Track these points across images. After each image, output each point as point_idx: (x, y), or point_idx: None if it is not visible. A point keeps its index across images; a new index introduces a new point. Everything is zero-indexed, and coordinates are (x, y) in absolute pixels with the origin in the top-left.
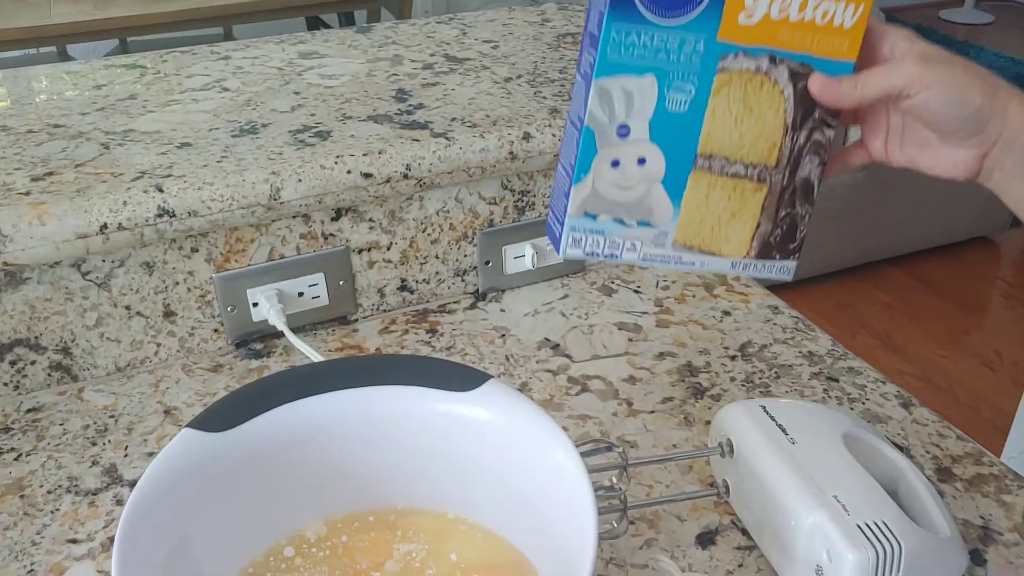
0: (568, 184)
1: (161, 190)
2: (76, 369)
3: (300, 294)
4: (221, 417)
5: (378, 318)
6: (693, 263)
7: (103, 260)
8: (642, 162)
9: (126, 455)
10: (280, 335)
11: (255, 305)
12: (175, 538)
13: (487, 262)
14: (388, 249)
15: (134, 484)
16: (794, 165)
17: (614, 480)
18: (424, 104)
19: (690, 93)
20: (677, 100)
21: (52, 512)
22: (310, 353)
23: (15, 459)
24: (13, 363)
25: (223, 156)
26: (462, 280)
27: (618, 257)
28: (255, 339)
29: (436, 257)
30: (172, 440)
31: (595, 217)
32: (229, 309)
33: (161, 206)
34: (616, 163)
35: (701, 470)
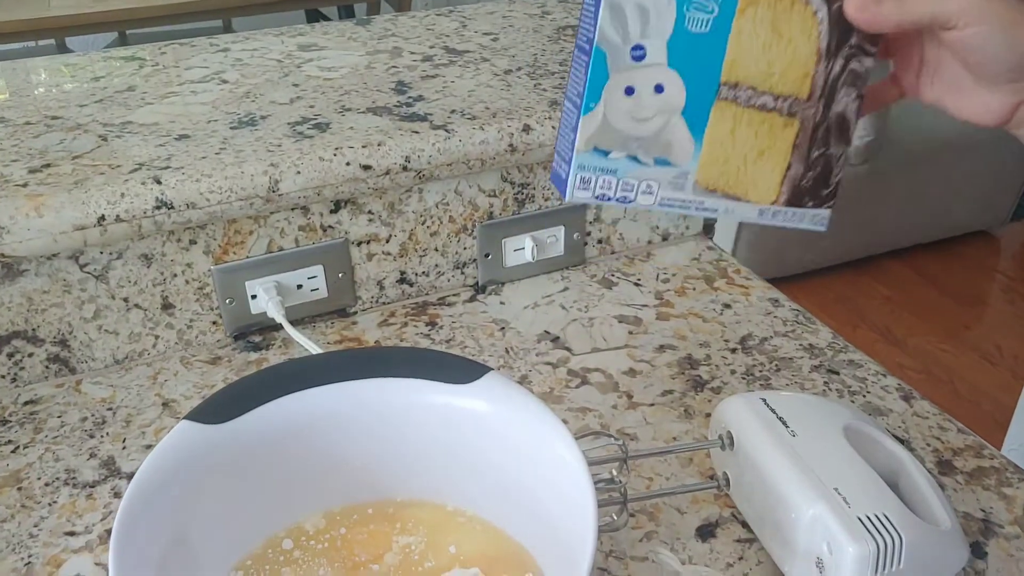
0: (576, 116)
1: (159, 182)
2: (74, 361)
3: (299, 286)
4: (219, 409)
5: (377, 310)
6: (716, 209)
7: (101, 252)
8: (659, 89)
9: (124, 447)
10: (279, 327)
11: (254, 297)
12: (173, 530)
13: (487, 255)
14: (387, 241)
15: (132, 476)
16: (828, 98)
17: (614, 473)
18: (424, 96)
19: (712, 12)
20: (698, 19)
21: (50, 504)
22: (309, 345)
23: (12, 451)
24: (11, 355)
25: (222, 148)
26: (462, 273)
27: (632, 201)
28: (254, 331)
29: (435, 250)
30: (170, 432)
31: (607, 154)
32: (227, 301)
33: (159, 198)
34: (630, 90)
35: (701, 463)
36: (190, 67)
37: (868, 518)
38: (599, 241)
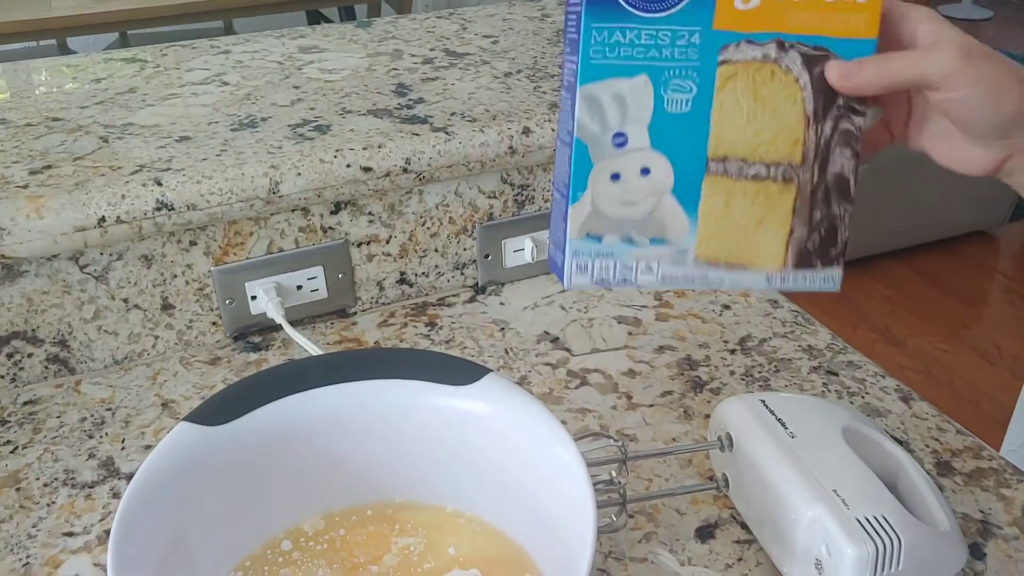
0: (565, 205)
1: (160, 184)
2: (73, 362)
3: (299, 287)
4: (218, 411)
5: (377, 311)
6: (722, 280)
7: (101, 253)
8: (646, 172)
9: (123, 448)
10: (278, 328)
11: (253, 298)
12: (172, 531)
13: (486, 255)
14: (387, 242)
15: (131, 477)
16: (823, 160)
17: (613, 474)
18: (424, 99)
19: (691, 91)
20: (677, 100)
21: (48, 505)
22: (308, 346)
23: (11, 452)
24: (10, 355)
25: (222, 150)
26: (461, 273)
27: (633, 282)
28: (253, 332)
29: (435, 250)
30: (169, 433)
31: (600, 239)
32: (227, 302)
33: (160, 199)
34: (616, 176)
35: (700, 464)
36: (191, 69)
37: (867, 519)
38: None
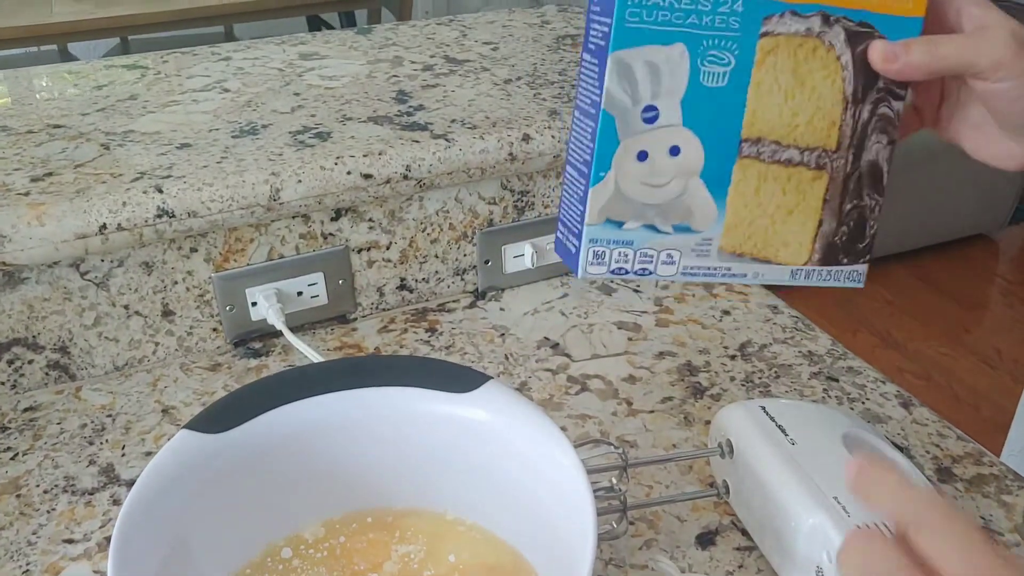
0: (584, 187)
1: (161, 191)
2: (74, 368)
3: (299, 293)
4: (219, 418)
5: (377, 317)
6: (745, 274)
7: (102, 260)
8: (675, 152)
9: (123, 455)
10: (279, 334)
11: (254, 304)
12: (172, 539)
13: (487, 261)
14: (387, 248)
15: (131, 484)
16: (858, 146)
17: (614, 480)
18: (424, 105)
19: (729, 64)
20: (713, 73)
21: (48, 512)
22: (309, 352)
23: (11, 458)
24: (11, 362)
25: (223, 157)
26: (461, 279)
27: (651, 273)
28: (254, 338)
29: (436, 256)
30: (169, 441)
31: (620, 225)
32: (228, 308)
33: (160, 207)
34: (643, 155)
35: (701, 470)
36: (192, 76)
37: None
38: None
